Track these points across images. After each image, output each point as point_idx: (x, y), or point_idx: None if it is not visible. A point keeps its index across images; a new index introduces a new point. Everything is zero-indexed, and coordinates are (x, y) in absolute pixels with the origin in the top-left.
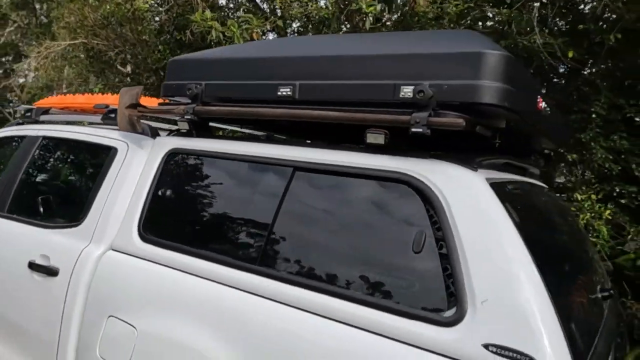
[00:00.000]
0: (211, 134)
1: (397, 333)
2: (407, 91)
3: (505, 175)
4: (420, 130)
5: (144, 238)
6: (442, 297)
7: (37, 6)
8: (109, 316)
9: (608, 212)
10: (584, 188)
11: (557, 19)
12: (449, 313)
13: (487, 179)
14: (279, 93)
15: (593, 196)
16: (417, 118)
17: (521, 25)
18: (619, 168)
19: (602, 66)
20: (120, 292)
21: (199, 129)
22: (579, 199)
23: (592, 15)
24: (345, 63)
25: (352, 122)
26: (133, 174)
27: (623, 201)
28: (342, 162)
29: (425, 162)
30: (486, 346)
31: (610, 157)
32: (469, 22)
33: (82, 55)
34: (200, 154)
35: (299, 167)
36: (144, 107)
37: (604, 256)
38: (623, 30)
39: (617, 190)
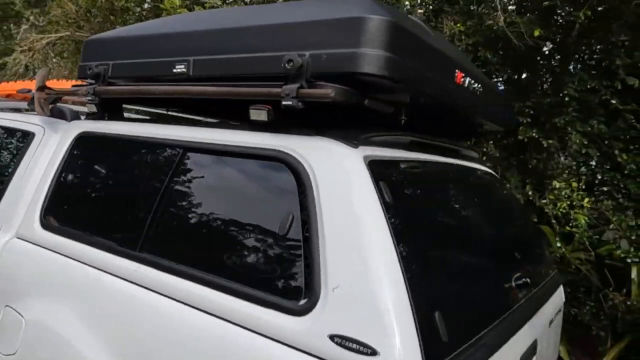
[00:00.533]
0: (123, 116)
1: (247, 321)
2: (280, 63)
3: (401, 154)
4: (291, 103)
5: (44, 225)
6: (299, 284)
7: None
8: (5, 306)
9: (587, 200)
10: (564, 175)
11: None
12: (303, 301)
13: (367, 157)
14: (175, 70)
15: (574, 184)
16: (287, 90)
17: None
18: (598, 154)
19: (575, 47)
20: (17, 281)
21: (111, 111)
22: (557, 186)
23: None
24: (230, 36)
25: (231, 97)
26: (44, 159)
27: (606, 188)
28: (224, 141)
29: (305, 138)
30: (332, 337)
31: (585, 142)
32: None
33: (71, 48)
34: (104, 138)
35: (187, 148)
36: (51, 89)
37: (587, 246)
38: (594, 9)
39: (599, 177)
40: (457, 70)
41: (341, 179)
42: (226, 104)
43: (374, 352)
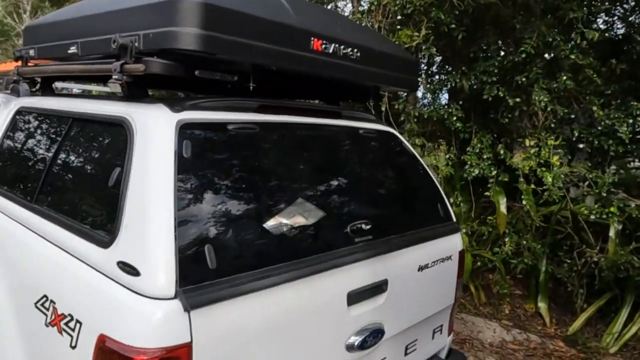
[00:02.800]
0: (54, 92)
1: (79, 253)
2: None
3: (241, 117)
4: (118, 77)
5: None
6: (110, 223)
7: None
8: None
9: (557, 158)
10: (543, 133)
11: None
12: (109, 237)
13: (182, 120)
14: (69, 51)
15: (550, 141)
16: (115, 66)
17: None
18: (565, 110)
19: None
20: None
21: (45, 88)
22: (528, 144)
23: None
24: (94, 21)
25: (88, 73)
26: None
27: (581, 146)
28: (93, 110)
29: (143, 106)
30: (117, 263)
31: (547, 99)
32: None
33: None
34: (30, 111)
35: (74, 118)
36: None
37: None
38: None
39: (576, 134)
40: (313, 38)
41: (150, 138)
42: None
43: (137, 273)
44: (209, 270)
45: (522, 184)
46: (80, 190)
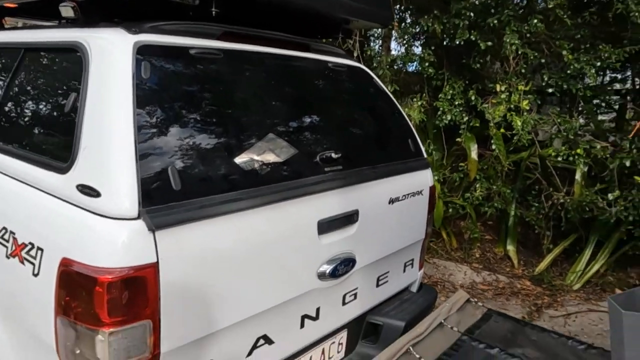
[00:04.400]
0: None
1: (36, 181)
2: None
3: (203, 43)
4: None
5: None
6: (68, 149)
7: None
8: None
9: (526, 102)
10: (514, 79)
11: None
12: (66, 163)
13: (139, 42)
14: None
15: (521, 86)
16: None
17: None
18: (535, 54)
19: None
20: None
21: None
22: (499, 90)
23: None
24: None
25: None
26: None
27: (550, 90)
28: (42, 38)
29: (98, 30)
30: (77, 187)
31: (518, 42)
32: None
33: None
34: None
35: (26, 48)
36: None
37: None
38: None
39: (546, 79)
40: None
41: (106, 60)
42: None
43: (98, 194)
44: (174, 191)
45: (493, 128)
46: (36, 121)
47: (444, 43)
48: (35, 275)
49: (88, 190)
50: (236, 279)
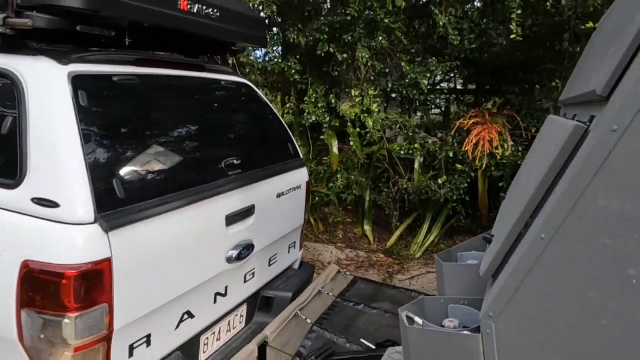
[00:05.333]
0: None
1: None
2: None
3: (117, 69)
4: (1, 29)
5: None
6: (15, 167)
7: None
8: None
9: (376, 105)
10: (365, 85)
11: None
12: (15, 180)
13: (72, 72)
14: None
15: (371, 91)
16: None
17: None
18: (382, 65)
19: None
20: None
21: None
22: (354, 94)
23: None
24: None
25: None
26: None
27: (394, 95)
28: None
29: (27, 58)
30: (32, 200)
31: (368, 55)
32: None
33: None
34: None
35: None
36: None
37: (382, 146)
38: None
39: (390, 85)
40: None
41: (46, 89)
42: None
43: (57, 205)
44: (119, 199)
45: (350, 128)
46: None
47: (307, 52)
48: None
49: (46, 202)
50: (167, 267)
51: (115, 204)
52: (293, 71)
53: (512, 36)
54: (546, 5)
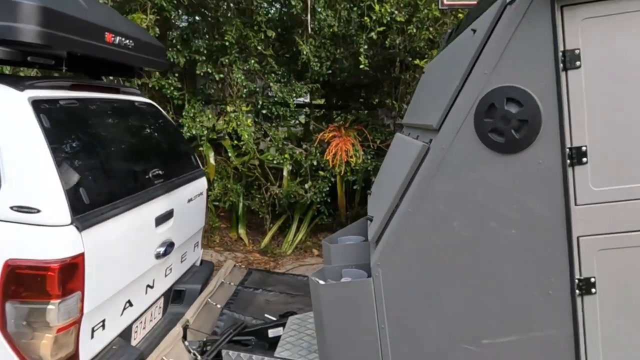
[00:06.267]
0: None
1: None
2: None
3: (61, 94)
4: None
5: None
6: None
7: None
8: None
9: (250, 121)
10: (238, 101)
11: None
12: None
13: (31, 97)
14: None
15: (244, 108)
16: None
17: None
18: (254, 85)
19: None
20: None
21: None
22: (229, 110)
23: None
24: None
25: None
26: None
27: (264, 111)
28: None
29: None
30: (11, 207)
31: (242, 76)
32: None
33: None
34: None
35: None
36: None
37: (253, 155)
38: None
39: (260, 102)
40: (106, 33)
41: (9, 114)
42: None
43: (38, 211)
44: (86, 204)
45: (227, 140)
46: None
47: (186, 70)
48: None
49: (26, 209)
50: (119, 260)
51: (84, 208)
52: (172, 88)
53: (361, 66)
54: (385, 43)
